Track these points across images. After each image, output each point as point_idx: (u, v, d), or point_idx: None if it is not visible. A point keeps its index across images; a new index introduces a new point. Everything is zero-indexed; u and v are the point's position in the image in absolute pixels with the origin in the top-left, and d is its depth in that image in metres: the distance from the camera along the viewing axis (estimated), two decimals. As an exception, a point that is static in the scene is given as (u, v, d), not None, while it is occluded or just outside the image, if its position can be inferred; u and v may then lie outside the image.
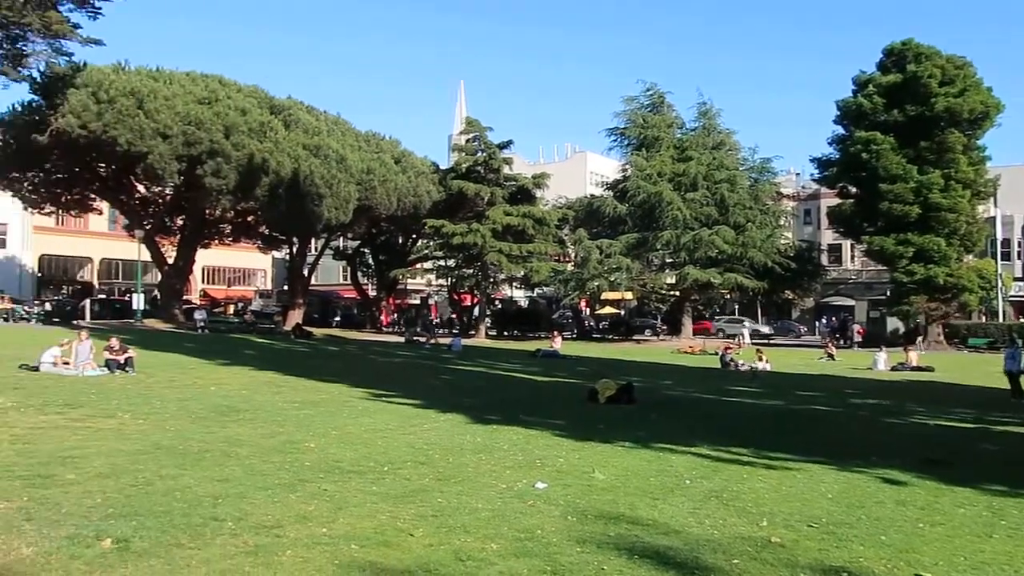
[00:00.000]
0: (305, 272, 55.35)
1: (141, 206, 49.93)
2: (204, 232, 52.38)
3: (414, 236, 57.89)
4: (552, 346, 35.04)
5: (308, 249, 56.52)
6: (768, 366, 27.90)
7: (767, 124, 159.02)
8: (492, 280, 53.04)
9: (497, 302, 64.42)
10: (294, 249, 54.68)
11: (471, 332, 51.14)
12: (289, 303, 53.40)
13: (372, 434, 11.22)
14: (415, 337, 42.52)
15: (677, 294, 54.76)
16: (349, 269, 64.64)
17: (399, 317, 62.39)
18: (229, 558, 5.46)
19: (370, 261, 62.90)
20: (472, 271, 52.03)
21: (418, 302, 71.85)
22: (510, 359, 31.48)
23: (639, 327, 56.95)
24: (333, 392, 16.60)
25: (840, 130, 49.48)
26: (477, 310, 55.35)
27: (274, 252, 68.40)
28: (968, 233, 46.58)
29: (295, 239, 53.71)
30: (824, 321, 59.30)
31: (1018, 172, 55.48)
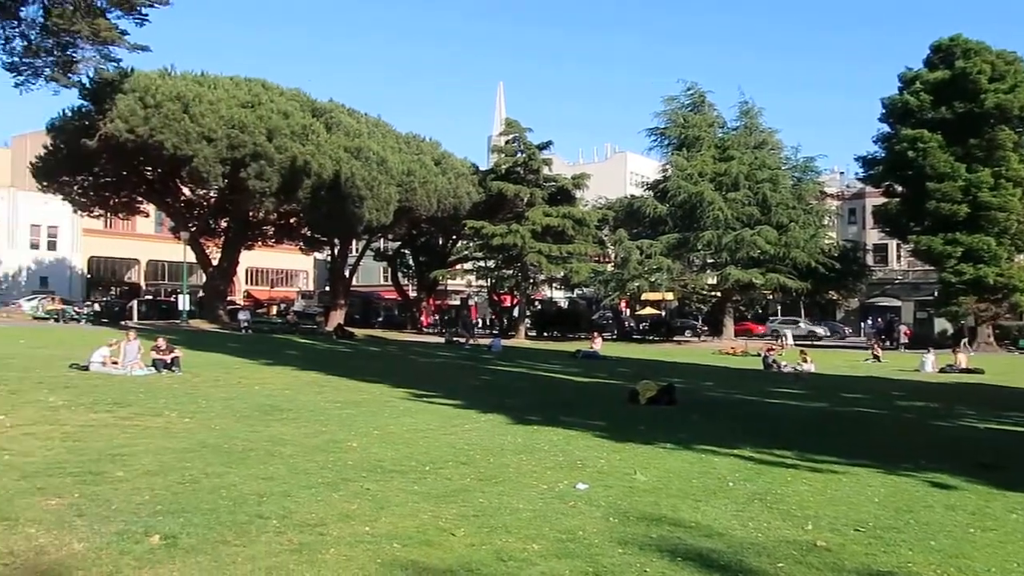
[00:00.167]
0: (346, 273, 55.91)
1: (186, 208, 50.73)
2: (247, 234, 53.06)
3: (454, 237, 58.13)
4: (592, 347, 34.82)
5: (349, 250, 56.99)
6: (812, 367, 27.42)
7: (810, 124, 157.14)
8: (532, 281, 53.05)
9: (537, 303, 64.28)
10: (335, 250, 55.23)
11: (511, 333, 51.19)
12: (331, 304, 53.86)
13: (413, 434, 11.24)
14: (454, 338, 42.66)
15: (718, 295, 54.34)
16: (390, 270, 65.12)
17: (439, 318, 62.64)
18: (274, 555, 5.51)
19: (410, 262, 63.24)
20: (512, 272, 52.11)
21: (458, 303, 71.96)
22: (550, 360, 31.41)
23: (680, 328, 56.49)
24: (375, 392, 16.65)
25: (886, 128, 48.84)
26: (517, 311, 55.39)
27: (316, 253, 69.01)
28: (1019, 232, 45.70)
29: (336, 240, 54.21)
30: (870, 322, 58.44)
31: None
